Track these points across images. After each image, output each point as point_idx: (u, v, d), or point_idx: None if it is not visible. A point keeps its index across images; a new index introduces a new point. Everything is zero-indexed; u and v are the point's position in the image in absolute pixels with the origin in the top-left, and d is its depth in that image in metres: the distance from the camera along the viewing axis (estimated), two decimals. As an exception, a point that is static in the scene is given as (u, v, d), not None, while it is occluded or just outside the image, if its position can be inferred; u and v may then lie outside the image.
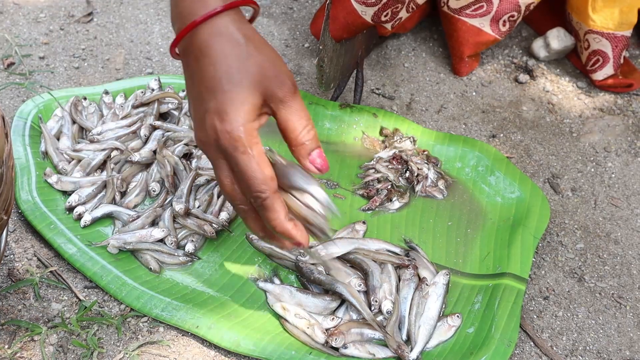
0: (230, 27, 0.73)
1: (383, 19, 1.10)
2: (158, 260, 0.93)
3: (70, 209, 0.97)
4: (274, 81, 0.73)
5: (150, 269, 0.92)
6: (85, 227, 0.96)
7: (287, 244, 0.80)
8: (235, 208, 0.77)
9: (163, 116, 1.12)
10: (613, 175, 1.15)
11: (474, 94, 1.29)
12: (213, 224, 0.97)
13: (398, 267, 0.94)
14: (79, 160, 1.03)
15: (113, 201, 0.99)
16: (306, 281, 0.92)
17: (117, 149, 1.03)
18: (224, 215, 0.99)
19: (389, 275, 0.92)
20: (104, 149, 1.03)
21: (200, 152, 1.04)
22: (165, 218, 0.96)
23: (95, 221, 0.97)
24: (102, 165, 1.03)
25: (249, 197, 0.74)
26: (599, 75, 1.29)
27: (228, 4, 0.73)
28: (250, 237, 0.97)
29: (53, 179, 1.00)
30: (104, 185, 1.00)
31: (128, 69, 1.26)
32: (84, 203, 0.98)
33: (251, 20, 0.79)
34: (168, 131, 1.07)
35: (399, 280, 0.93)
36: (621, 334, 0.93)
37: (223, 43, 0.72)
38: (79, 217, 0.96)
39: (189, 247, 0.95)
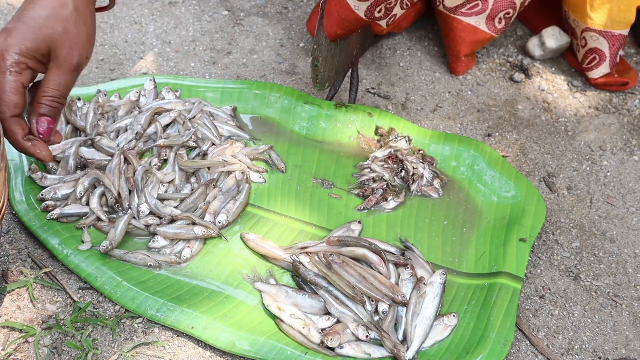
0: None
1: (377, 15, 1.09)
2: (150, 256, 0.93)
3: (42, 200, 0.98)
4: (67, 49, 0.83)
5: (150, 265, 0.92)
6: (50, 219, 0.96)
7: (39, 155, 0.86)
8: None
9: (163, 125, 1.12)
10: (608, 174, 1.15)
11: (469, 93, 1.29)
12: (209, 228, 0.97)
13: (396, 266, 0.94)
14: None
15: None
16: (302, 281, 0.92)
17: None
18: (222, 217, 0.99)
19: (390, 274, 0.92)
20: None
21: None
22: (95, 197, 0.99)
23: (64, 217, 0.97)
24: (83, 166, 1.03)
25: None
26: (594, 74, 1.29)
27: None
28: (246, 237, 0.97)
29: (37, 175, 1.00)
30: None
31: (123, 68, 1.25)
32: (56, 200, 0.98)
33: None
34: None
35: (398, 278, 0.93)
36: (617, 333, 0.93)
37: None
38: (46, 208, 0.97)
39: (186, 252, 0.94)
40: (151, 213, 0.98)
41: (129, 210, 0.97)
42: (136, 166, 1.02)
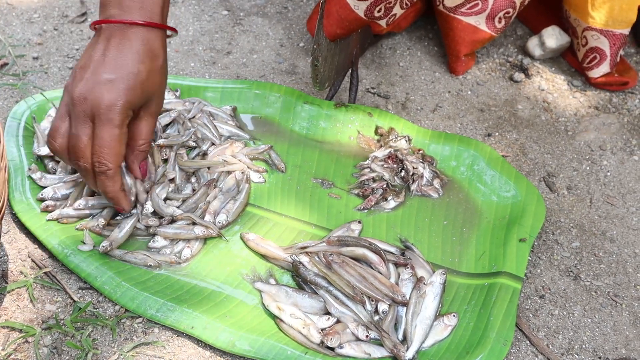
0: (158, 42, 0.90)
1: (376, 14, 1.09)
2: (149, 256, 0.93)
3: (42, 201, 0.98)
4: (156, 99, 0.90)
5: (150, 265, 0.92)
6: (50, 220, 0.95)
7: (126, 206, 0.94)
8: (76, 164, 0.87)
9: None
10: (608, 174, 1.15)
11: (469, 92, 1.29)
12: (210, 228, 0.97)
13: (396, 266, 0.94)
14: None
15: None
16: (302, 281, 0.92)
17: None
18: (222, 217, 0.99)
19: (390, 274, 0.92)
20: None
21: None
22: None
23: (64, 218, 0.96)
24: None
25: (95, 160, 0.86)
26: (595, 73, 1.29)
27: (163, 25, 0.90)
28: (246, 237, 0.97)
29: (37, 175, 1.00)
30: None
31: (122, 69, 1.25)
32: (56, 200, 0.98)
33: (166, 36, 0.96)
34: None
35: (398, 278, 0.93)
36: (617, 332, 0.93)
37: (148, 50, 0.88)
38: (46, 209, 0.96)
39: (186, 252, 0.94)
40: (154, 213, 0.97)
41: (134, 211, 0.97)
42: (158, 162, 1.02)
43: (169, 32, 0.93)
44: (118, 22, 0.86)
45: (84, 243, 0.93)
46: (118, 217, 0.98)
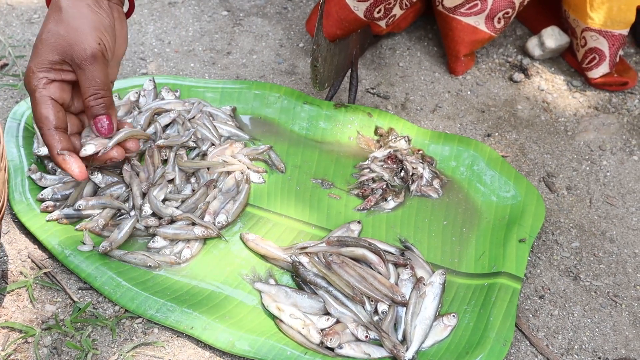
0: None
1: (376, 15, 1.09)
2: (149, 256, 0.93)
3: (42, 201, 0.98)
4: (74, 48, 0.84)
5: (150, 266, 0.92)
6: (49, 220, 0.95)
7: (71, 171, 0.87)
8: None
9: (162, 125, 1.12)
10: (608, 174, 1.15)
11: (468, 93, 1.29)
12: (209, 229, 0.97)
13: (396, 266, 0.94)
14: None
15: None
16: (301, 282, 0.92)
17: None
18: (221, 218, 0.99)
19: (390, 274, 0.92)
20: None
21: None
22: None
23: (63, 218, 0.96)
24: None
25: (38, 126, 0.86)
26: (594, 74, 1.29)
27: None
28: (245, 237, 0.97)
29: (36, 175, 1.00)
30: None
31: (122, 69, 1.25)
32: (56, 200, 0.98)
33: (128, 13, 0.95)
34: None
35: (398, 278, 0.93)
36: (617, 333, 0.93)
37: (55, 9, 0.86)
38: (46, 209, 0.96)
39: (186, 253, 0.94)
40: (153, 214, 0.98)
41: (133, 212, 0.97)
42: (157, 163, 1.02)
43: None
44: None
45: (84, 243, 0.93)
46: (118, 218, 0.98)
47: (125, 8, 0.95)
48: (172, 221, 0.97)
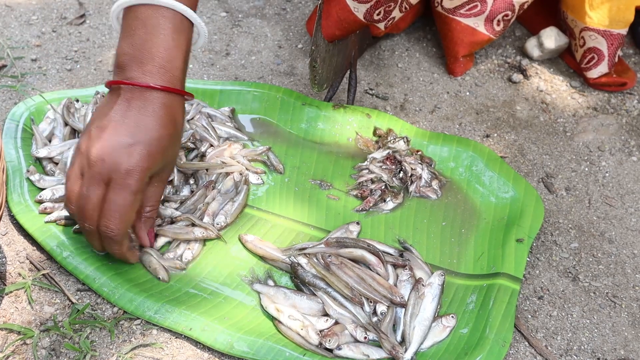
0: (178, 108, 0.85)
1: (375, 17, 1.09)
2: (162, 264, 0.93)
3: (40, 202, 0.98)
4: (169, 166, 0.87)
5: (159, 278, 0.92)
6: (48, 222, 0.95)
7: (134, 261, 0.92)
8: (82, 225, 0.85)
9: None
10: (607, 175, 1.15)
11: (467, 93, 1.29)
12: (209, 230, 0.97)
13: (395, 267, 0.94)
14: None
15: None
16: (300, 283, 0.92)
17: None
18: (220, 219, 0.99)
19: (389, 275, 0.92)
20: None
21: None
22: None
23: (62, 220, 0.96)
24: None
25: (103, 224, 0.83)
26: (593, 74, 1.29)
27: (183, 91, 0.86)
28: (244, 238, 0.97)
29: (35, 177, 1.00)
30: None
31: (121, 70, 1.25)
32: (54, 201, 0.98)
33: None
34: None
35: (397, 279, 0.93)
36: (616, 333, 0.93)
37: (170, 115, 0.83)
38: (45, 210, 0.96)
39: (187, 254, 0.94)
40: None
41: None
42: None
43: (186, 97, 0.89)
44: (139, 85, 0.81)
45: (83, 244, 0.93)
46: None
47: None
48: (171, 222, 0.97)
